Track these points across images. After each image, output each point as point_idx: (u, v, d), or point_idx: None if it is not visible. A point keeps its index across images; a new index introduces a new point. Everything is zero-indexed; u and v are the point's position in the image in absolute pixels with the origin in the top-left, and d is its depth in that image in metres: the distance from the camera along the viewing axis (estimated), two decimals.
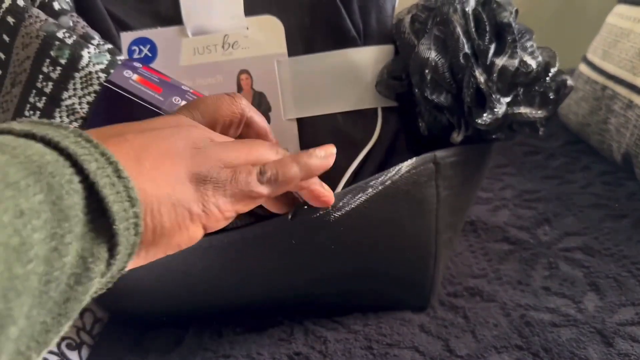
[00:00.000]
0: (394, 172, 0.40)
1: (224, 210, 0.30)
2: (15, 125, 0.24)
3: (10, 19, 0.38)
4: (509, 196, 0.67)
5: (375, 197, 0.40)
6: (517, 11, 0.41)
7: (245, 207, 0.32)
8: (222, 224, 0.31)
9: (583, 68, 0.79)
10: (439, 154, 0.41)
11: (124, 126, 0.30)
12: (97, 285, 0.24)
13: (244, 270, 0.42)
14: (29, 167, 0.21)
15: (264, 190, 0.32)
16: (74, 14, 0.41)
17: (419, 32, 0.41)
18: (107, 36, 0.43)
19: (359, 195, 0.39)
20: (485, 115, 0.39)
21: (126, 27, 0.44)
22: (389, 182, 0.40)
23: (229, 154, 0.31)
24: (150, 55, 0.45)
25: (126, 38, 0.44)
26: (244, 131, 0.36)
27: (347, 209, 0.39)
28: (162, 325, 0.48)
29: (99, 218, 0.23)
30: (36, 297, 0.20)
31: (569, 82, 0.41)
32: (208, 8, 0.44)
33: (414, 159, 0.40)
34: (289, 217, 0.38)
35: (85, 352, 0.46)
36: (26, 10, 0.38)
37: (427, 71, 0.39)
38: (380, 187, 0.39)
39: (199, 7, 0.44)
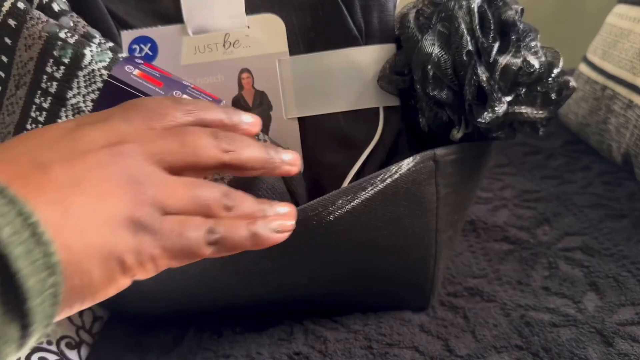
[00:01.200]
0: (393, 170, 0.40)
1: (159, 264, 0.27)
2: None
3: (11, 22, 0.39)
4: (509, 196, 0.67)
5: (375, 195, 0.40)
6: (522, 10, 0.41)
7: (179, 264, 0.28)
8: (151, 275, 0.27)
9: (583, 68, 0.79)
10: (439, 151, 0.41)
11: (49, 149, 0.25)
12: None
13: (243, 269, 0.42)
14: None
15: (207, 252, 0.28)
16: (74, 14, 0.41)
17: (423, 27, 0.41)
18: (107, 35, 0.43)
19: (359, 194, 0.39)
20: (486, 113, 0.39)
21: (127, 26, 0.44)
22: (388, 180, 0.40)
23: (175, 196, 0.27)
24: (151, 54, 0.45)
25: (127, 37, 0.44)
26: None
27: (347, 207, 0.39)
28: (161, 325, 0.48)
29: (10, 292, 0.20)
30: None
31: (572, 83, 0.41)
32: (209, 6, 0.44)
33: (414, 157, 0.40)
34: None
35: (84, 351, 0.46)
36: (27, 12, 0.39)
37: (429, 67, 0.39)
38: (380, 186, 0.39)
39: (200, 6, 0.44)
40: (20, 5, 0.39)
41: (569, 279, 0.50)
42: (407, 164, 0.40)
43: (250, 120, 0.35)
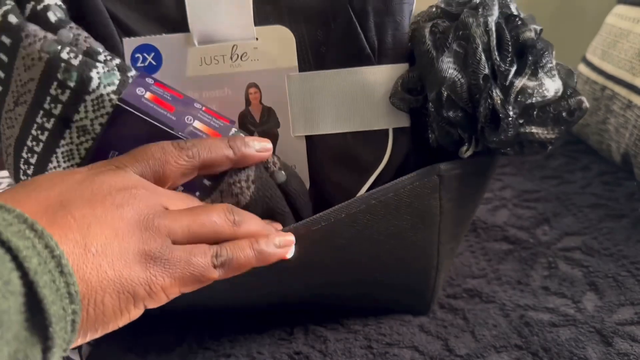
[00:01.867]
0: (397, 184, 0.39)
1: (169, 293, 0.29)
2: None
3: (5, 39, 0.36)
4: (509, 196, 0.67)
5: (378, 209, 0.39)
6: (541, 30, 0.40)
7: (190, 289, 0.31)
8: (163, 303, 0.30)
9: (582, 68, 0.80)
10: (443, 166, 0.40)
11: (73, 191, 0.28)
12: None
13: (243, 281, 0.42)
14: None
15: (215, 274, 0.31)
16: (73, 25, 0.39)
17: (438, 43, 0.40)
18: (109, 41, 0.41)
19: (362, 208, 0.39)
20: (497, 135, 0.38)
21: (127, 30, 0.42)
22: (392, 194, 0.39)
23: (182, 226, 0.30)
24: (154, 63, 0.42)
25: (129, 44, 0.42)
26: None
27: (350, 221, 0.39)
28: (163, 324, 0.48)
29: (35, 316, 0.22)
30: None
31: (584, 104, 0.40)
32: (215, 15, 0.42)
33: (418, 171, 0.40)
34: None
35: (85, 350, 0.46)
36: (21, 29, 0.36)
37: (443, 89, 0.38)
38: (383, 200, 0.39)
39: (206, 13, 0.42)
40: (12, 19, 0.36)
41: (568, 279, 0.50)
42: (411, 178, 0.39)
43: (259, 147, 0.36)
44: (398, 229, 0.41)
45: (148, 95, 0.37)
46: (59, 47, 0.36)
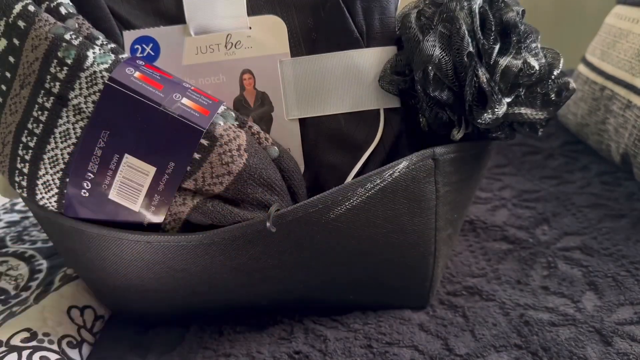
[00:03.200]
0: (393, 168, 0.40)
1: None
2: None
3: (21, 23, 0.39)
4: (508, 196, 0.67)
5: (374, 193, 0.40)
6: (524, 11, 0.41)
7: None
8: None
9: (582, 68, 0.80)
10: (438, 150, 0.41)
11: None
12: None
13: (244, 268, 0.43)
14: None
15: None
16: (79, 17, 0.42)
17: (424, 27, 0.41)
18: (110, 35, 0.44)
19: (358, 191, 0.40)
20: (486, 114, 0.39)
21: (129, 25, 0.45)
22: (388, 178, 0.40)
23: None
24: (153, 54, 0.45)
25: (129, 36, 0.45)
26: None
27: (346, 204, 0.40)
28: (163, 324, 0.48)
29: None
30: None
31: (571, 85, 0.41)
32: (211, 7, 0.44)
33: (413, 155, 0.40)
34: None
35: (85, 350, 0.46)
36: (36, 15, 0.39)
37: (430, 68, 0.39)
38: (379, 183, 0.40)
39: (202, 6, 0.44)
40: (31, 8, 0.39)
41: (568, 279, 0.51)
42: (406, 161, 0.40)
43: None
44: (394, 213, 0.41)
45: (137, 74, 0.39)
46: (64, 30, 0.39)
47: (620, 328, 0.44)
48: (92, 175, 0.39)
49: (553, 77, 0.41)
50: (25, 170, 0.41)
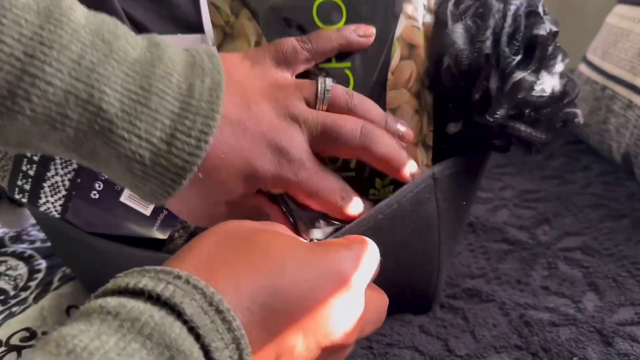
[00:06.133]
0: (398, 195, 0.39)
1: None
2: (125, 281, 0.24)
3: None
4: (509, 196, 0.67)
5: (385, 222, 0.39)
6: (556, 33, 0.40)
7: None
8: None
9: (583, 68, 0.80)
10: (436, 168, 0.41)
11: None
12: None
13: None
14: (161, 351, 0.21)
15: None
16: None
17: (455, 18, 0.40)
18: None
19: (370, 224, 0.39)
20: (485, 116, 0.38)
21: (145, 30, 0.43)
22: (395, 205, 0.39)
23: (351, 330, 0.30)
24: None
25: None
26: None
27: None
28: None
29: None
30: None
31: (579, 119, 0.40)
32: None
33: (414, 181, 0.40)
34: None
35: None
36: None
37: (446, 57, 0.39)
38: (388, 212, 0.39)
39: None
40: None
41: (568, 279, 0.50)
42: (410, 186, 0.39)
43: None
44: (402, 238, 0.41)
45: None
46: None
47: (621, 328, 0.43)
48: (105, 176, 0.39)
49: (562, 104, 0.40)
50: (32, 173, 0.40)
